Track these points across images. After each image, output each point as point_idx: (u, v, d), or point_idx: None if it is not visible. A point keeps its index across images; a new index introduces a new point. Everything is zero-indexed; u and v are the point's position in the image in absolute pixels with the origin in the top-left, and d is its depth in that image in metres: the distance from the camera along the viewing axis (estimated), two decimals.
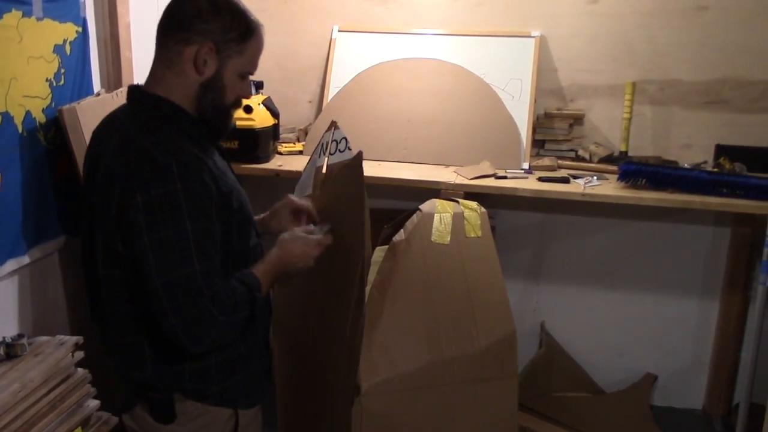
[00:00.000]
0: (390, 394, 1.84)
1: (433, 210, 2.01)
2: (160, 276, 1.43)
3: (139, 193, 1.43)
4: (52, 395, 1.91)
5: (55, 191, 2.21)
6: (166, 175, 1.44)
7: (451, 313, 1.93)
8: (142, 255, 1.44)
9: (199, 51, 1.54)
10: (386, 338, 1.85)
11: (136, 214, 1.43)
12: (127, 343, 1.60)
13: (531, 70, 3.00)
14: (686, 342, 3.24)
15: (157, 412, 1.63)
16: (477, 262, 1.99)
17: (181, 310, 1.44)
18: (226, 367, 1.65)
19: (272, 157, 2.93)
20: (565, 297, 3.31)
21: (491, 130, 2.94)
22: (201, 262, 1.45)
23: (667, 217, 3.11)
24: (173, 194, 1.43)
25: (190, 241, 1.44)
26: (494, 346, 1.93)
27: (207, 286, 1.46)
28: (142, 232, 1.43)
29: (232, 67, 1.59)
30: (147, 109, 1.57)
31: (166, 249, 1.43)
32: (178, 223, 1.43)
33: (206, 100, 1.58)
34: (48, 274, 2.24)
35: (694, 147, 3.01)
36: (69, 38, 2.25)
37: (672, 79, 2.99)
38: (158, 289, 1.44)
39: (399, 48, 3.11)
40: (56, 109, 2.17)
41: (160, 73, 1.58)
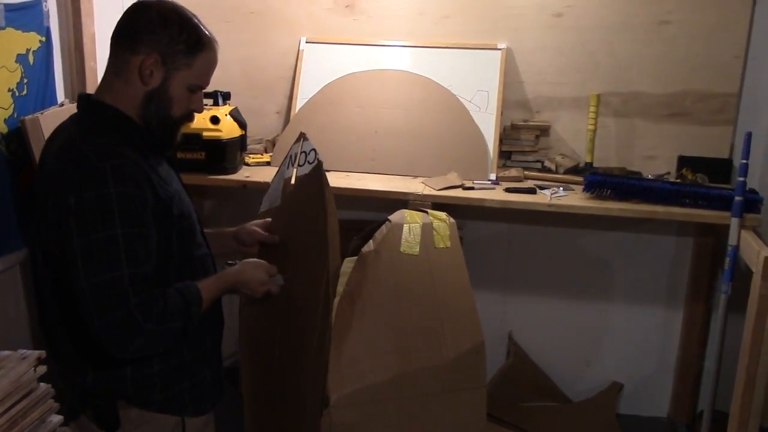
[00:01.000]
0: (359, 405, 1.83)
1: (402, 220, 2.01)
2: (87, 278, 1.43)
3: (72, 196, 1.44)
4: (13, 411, 1.86)
5: (17, 203, 2.17)
6: (99, 178, 1.44)
7: (420, 324, 1.92)
8: (71, 257, 1.44)
9: (145, 61, 1.54)
10: (355, 349, 1.84)
11: (68, 217, 1.43)
12: (69, 348, 1.59)
13: (497, 82, 3.03)
14: (651, 350, 3.28)
15: (101, 420, 1.61)
16: (446, 273, 1.99)
17: (106, 313, 1.43)
18: (170, 375, 1.64)
19: (239, 168, 2.92)
20: (533, 307, 3.33)
21: (459, 142, 2.96)
22: (129, 267, 1.44)
23: (632, 227, 3.15)
24: (105, 198, 1.43)
25: (119, 245, 1.44)
26: (463, 357, 1.92)
27: (134, 292, 1.44)
28: (72, 234, 1.43)
29: (180, 80, 1.59)
30: (92, 116, 1.58)
31: (94, 252, 1.43)
32: (108, 226, 1.43)
33: (150, 110, 1.59)
34: (9, 287, 2.20)
35: (657, 158, 3.06)
36: (32, 48, 2.22)
37: (635, 92, 3.03)
38: (85, 292, 1.44)
39: (367, 59, 3.12)
40: (19, 120, 2.14)
41: (109, 81, 1.59)
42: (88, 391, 1.61)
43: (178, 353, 1.64)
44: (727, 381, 2.56)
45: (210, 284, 1.64)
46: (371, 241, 1.97)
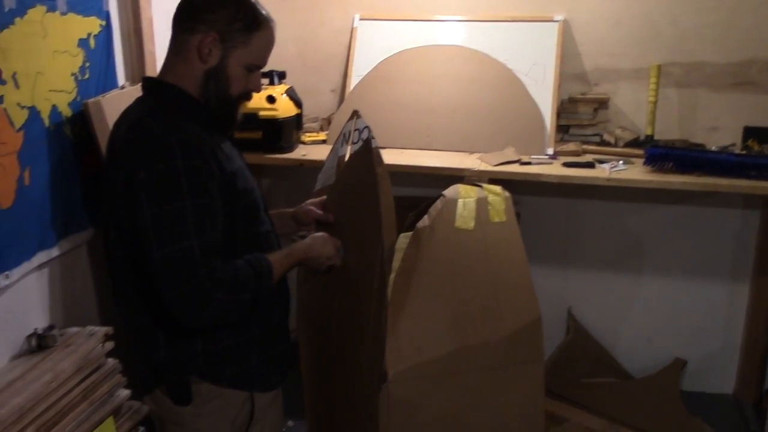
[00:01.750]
0: (416, 380, 1.84)
1: (457, 195, 2.00)
2: (158, 250, 1.46)
3: (142, 171, 1.47)
4: (83, 385, 1.94)
5: (83, 184, 2.24)
6: (167, 152, 1.48)
7: (476, 299, 1.92)
8: (143, 230, 1.48)
9: (203, 40, 1.58)
10: (411, 325, 1.85)
11: (138, 191, 1.47)
12: (142, 323, 1.63)
13: (554, 55, 2.97)
14: (716, 326, 3.20)
15: (174, 394, 1.66)
16: (501, 248, 1.98)
17: (176, 284, 1.46)
18: (240, 351, 1.67)
19: (296, 146, 2.94)
20: (592, 282, 3.29)
21: (515, 116, 2.92)
22: (199, 238, 1.47)
23: (695, 201, 3.08)
24: (173, 170, 1.47)
25: (188, 217, 1.47)
26: (519, 331, 1.92)
27: (204, 262, 1.47)
28: (143, 207, 1.47)
29: (237, 58, 1.61)
30: (157, 95, 1.62)
31: (164, 224, 1.46)
32: (177, 198, 1.46)
33: (209, 88, 1.62)
34: (77, 265, 2.27)
35: (721, 129, 2.97)
36: (93, 32, 2.27)
37: (698, 62, 2.94)
38: (156, 263, 1.47)
39: (421, 35, 3.10)
40: (82, 103, 2.19)
41: (170, 62, 1.64)
42: (161, 366, 1.65)
43: (247, 328, 1.67)
44: None
45: (280, 258, 1.67)
46: (426, 216, 1.97)
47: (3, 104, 1.86)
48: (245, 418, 1.72)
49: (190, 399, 1.65)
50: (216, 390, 1.66)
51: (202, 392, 1.66)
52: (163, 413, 1.71)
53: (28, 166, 1.97)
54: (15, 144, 1.92)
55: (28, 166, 1.97)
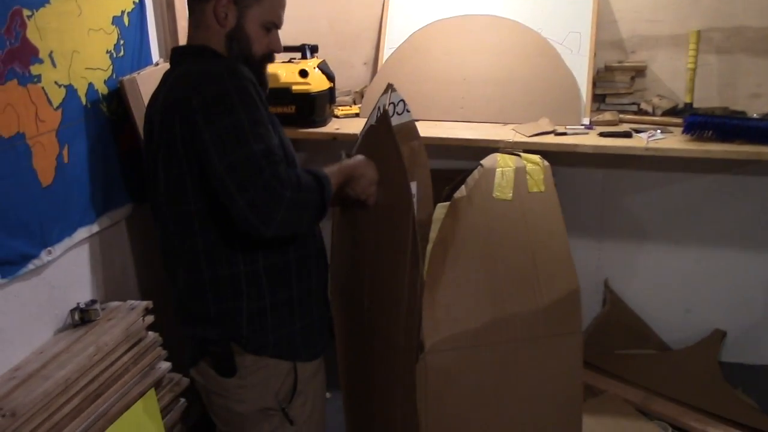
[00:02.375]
0: (453, 350, 1.84)
1: (495, 165, 1.98)
2: (221, 162, 1.49)
3: (194, 98, 1.52)
4: (125, 358, 1.98)
5: (121, 161, 2.27)
6: (216, 77, 1.54)
7: (514, 269, 1.91)
8: (204, 151, 1.51)
9: (218, 4, 1.64)
10: (448, 296, 1.85)
11: (195, 117, 1.51)
12: (190, 281, 1.67)
13: (590, 23, 2.92)
14: (756, 297, 3.16)
15: (219, 366, 1.69)
16: (540, 218, 1.96)
17: (246, 188, 1.48)
18: (282, 313, 1.69)
19: (329, 120, 2.94)
20: (629, 253, 3.25)
21: (549, 86, 2.88)
22: (258, 143, 1.50)
23: (735, 170, 3.01)
24: (225, 91, 1.52)
25: (245, 127, 1.50)
26: (557, 302, 1.90)
27: (267, 164, 1.49)
28: (202, 130, 1.51)
29: (253, 18, 1.67)
30: (192, 56, 1.68)
31: (223, 137, 1.50)
32: (231, 113, 1.51)
33: (234, 50, 1.68)
34: (117, 241, 2.31)
35: (763, 96, 2.90)
36: (127, 9, 2.29)
37: (739, 26, 2.87)
38: (222, 176, 1.49)
39: (453, 5, 3.06)
40: (117, 81, 2.21)
41: (194, 35, 1.70)
42: (206, 339, 1.68)
43: (287, 287, 1.70)
44: None
45: (333, 170, 1.69)
46: (463, 186, 1.96)
47: (41, 83, 1.88)
48: (289, 390, 1.75)
49: (235, 371, 1.68)
50: (260, 361, 1.69)
51: (246, 364, 1.68)
52: (209, 385, 1.74)
53: (66, 144, 2.00)
54: (53, 122, 1.95)
55: (67, 143, 2.00)
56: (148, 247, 2.43)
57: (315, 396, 1.83)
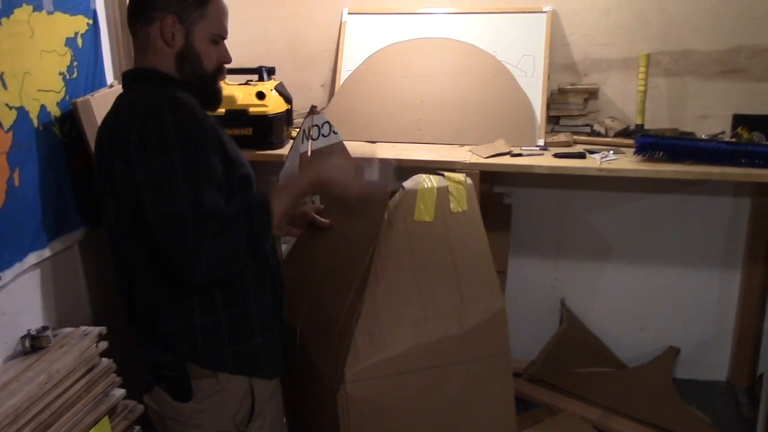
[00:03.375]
0: (376, 379, 1.78)
1: (417, 186, 1.95)
2: (152, 207, 1.46)
3: (133, 133, 1.48)
4: (78, 385, 1.94)
5: (73, 184, 2.23)
6: (155, 111, 1.48)
7: (437, 293, 1.85)
8: (138, 191, 1.48)
9: (163, 25, 1.60)
10: (369, 323, 1.79)
11: (131, 154, 1.48)
12: (144, 303, 1.64)
13: (543, 46, 2.97)
14: (709, 314, 3.22)
15: (174, 390, 1.66)
16: (463, 239, 1.90)
17: (170, 240, 1.46)
18: (240, 326, 1.66)
19: (286, 142, 2.93)
20: (585, 272, 3.30)
21: (505, 108, 2.92)
22: (189, 193, 1.45)
23: (686, 189, 3.09)
24: (162, 128, 1.46)
25: (177, 172, 1.45)
26: (483, 324, 1.85)
27: (193, 217, 1.44)
28: (136, 170, 1.47)
29: (200, 33, 1.64)
30: (141, 80, 1.64)
31: (154, 181, 1.46)
32: (165, 154, 1.45)
33: (186, 70, 1.64)
34: (69, 265, 2.27)
35: (711, 117, 2.98)
36: (80, 31, 2.26)
37: (686, 50, 2.95)
38: (152, 220, 1.47)
39: (410, 28, 3.09)
40: (70, 102, 2.18)
41: (141, 60, 1.66)
42: (161, 363, 1.65)
43: (243, 301, 1.66)
44: None
45: (281, 187, 1.68)
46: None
47: None
48: (246, 412, 1.72)
49: (191, 395, 1.65)
50: (217, 384, 1.66)
51: (202, 387, 1.65)
52: (163, 411, 1.70)
53: (17, 167, 1.96)
54: (4, 145, 1.91)
55: (18, 166, 1.96)
56: (102, 271, 2.39)
57: (273, 418, 1.81)
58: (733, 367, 3.20)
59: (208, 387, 1.66)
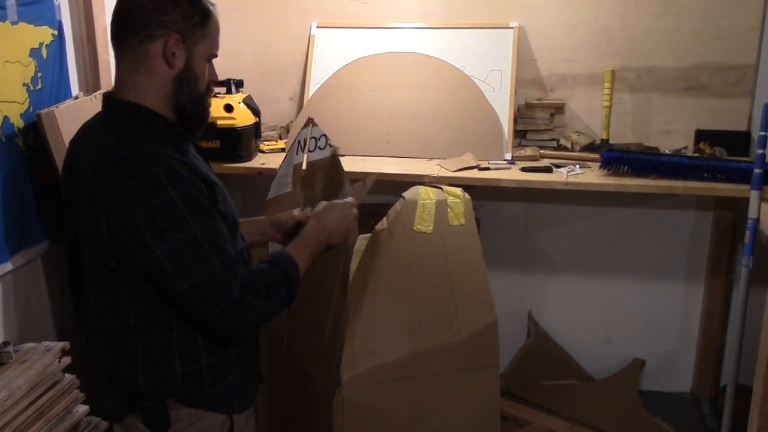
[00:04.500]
0: (370, 385, 1.83)
1: (417, 198, 2.00)
2: (184, 281, 1.41)
3: (134, 210, 1.39)
4: (39, 402, 1.90)
5: (37, 197, 2.19)
6: (155, 185, 1.39)
7: (433, 302, 1.92)
8: (157, 267, 1.41)
9: (167, 44, 1.48)
10: (366, 329, 1.84)
11: (136, 230, 1.39)
12: (118, 355, 1.57)
13: (511, 61, 3.01)
14: (673, 326, 3.26)
15: (150, 421, 1.59)
16: (459, 251, 1.98)
17: (214, 304, 1.44)
18: (218, 370, 1.62)
19: (254, 155, 2.92)
20: (552, 286, 3.33)
21: (473, 122, 2.95)
22: (218, 257, 1.43)
23: (650, 203, 3.13)
24: (169, 202, 1.40)
25: (201, 241, 1.41)
26: (475, 335, 1.92)
27: (232, 277, 1.44)
28: (149, 246, 1.39)
29: (200, 53, 1.54)
30: (121, 117, 1.52)
31: (181, 255, 1.40)
32: (183, 227, 1.40)
33: (183, 93, 1.53)
34: (32, 280, 2.23)
35: (674, 133, 3.03)
36: (45, 42, 2.23)
37: (650, 66, 3.00)
38: (186, 293, 1.42)
39: (378, 42, 3.11)
40: (34, 114, 2.15)
41: (129, 78, 1.52)
42: (137, 393, 1.58)
43: (224, 347, 1.63)
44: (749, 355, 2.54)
45: (293, 246, 1.65)
46: (384, 218, 1.96)
47: None
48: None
49: (168, 425, 1.59)
50: (195, 414, 1.61)
51: (180, 417, 1.59)
52: None
53: None
54: None
55: None
56: (65, 285, 2.34)
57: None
58: (697, 378, 3.24)
59: (186, 417, 1.61)
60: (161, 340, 1.54)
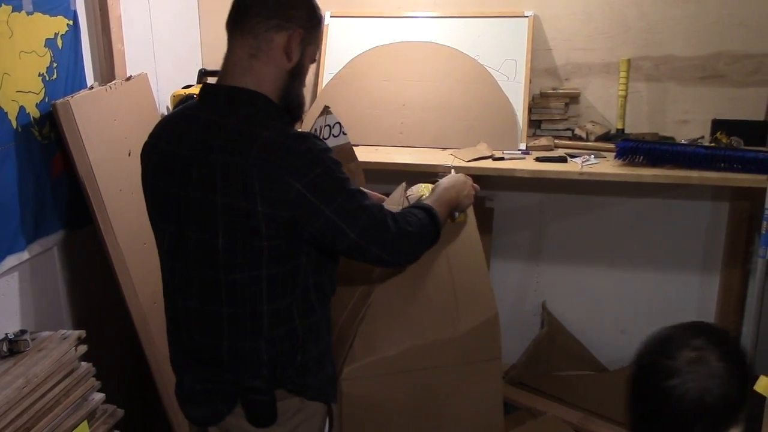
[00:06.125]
0: (370, 378, 1.83)
1: (418, 194, 2.00)
2: (353, 230, 1.52)
3: (296, 182, 1.45)
4: (56, 390, 1.92)
5: (53, 186, 2.21)
6: (315, 158, 1.48)
7: (433, 297, 1.92)
8: (329, 226, 1.50)
9: (291, 38, 1.53)
10: (367, 322, 1.85)
11: (306, 202, 1.46)
12: (245, 347, 1.56)
13: (525, 51, 2.99)
14: (688, 317, 3.20)
15: (257, 416, 1.58)
16: (459, 246, 1.98)
17: (381, 241, 1.57)
18: (322, 358, 1.66)
19: None
20: (566, 276, 3.31)
21: (487, 112, 2.94)
22: (367, 200, 1.57)
23: (666, 193, 3.11)
24: (328, 169, 1.49)
25: (354, 192, 1.54)
26: (476, 329, 1.91)
27: (385, 216, 1.59)
28: (320, 209, 1.48)
29: (309, 54, 1.60)
30: (244, 105, 1.53)
31: (347, 210, 1.51)
32: (342, 186, 1.52)
33: (294, 88, 1.59)
34: (48, 269, 2.25)
35: (690, 122, 3.01)
36: (60, 32, 2.24)
37: (667, 55, 2.98)
38: (356, 241, 1.53)
39: (392, 32, 3.09)
40: (50, 104, 2.16)
41: (246, 64, 1.53)
42: (249, 388, 1.57)
43: (326, 337, 1.68)
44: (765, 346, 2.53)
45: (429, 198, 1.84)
46: None
47: None
48: (324, 428, 1.70)
49: (275, 418, 1.58)
50: (300, 403, 1.61)
51: (286, 408, 1.59)
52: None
53: None
54: None
55: None
56: (81, 274, 2.37)
57: None
58: None
59: (291, 407, 1.61)
60: (285, 331, 1.57)
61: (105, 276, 2.30)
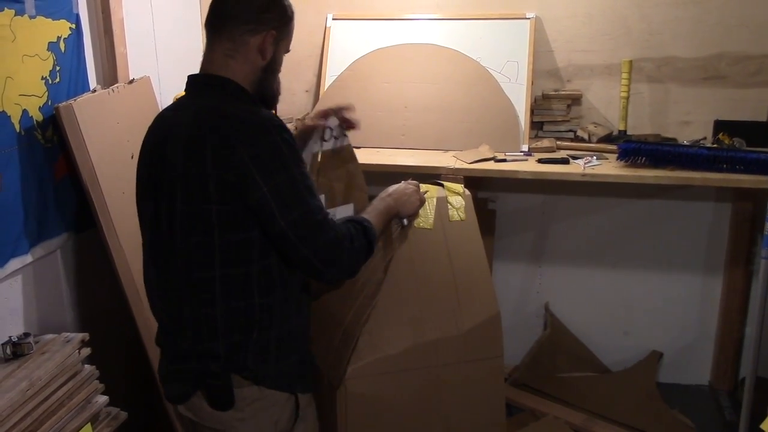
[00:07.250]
0: (374, 376, 1.86)
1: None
2: (283, 218, 1.53)
3: (243, 149, 1.51)
4: (60, 392, 1.92)
5: (56, 189, 2.21)
6: (264, 129, 1.54)
7: (436, 297, 1.94)
8: (262, 204, 1.53)
9: (265, 39, 1.65)
10: (370, 322, 1.87)
11: (246, 169, 1.51)
12: (199, 315, 1.62)
13: (527, 52, 2.99)
14: (691, 318, 3.24)
15: (215, 399, 1.64)
16: (461, 246, 2.00)
17: (309, 241, 1.56)
18: (283, 344, 1.67)
19: None
20: (569, 277, 3.31)
21: (489, 114, 2.94)
22: (312, 199, 1.57)
23: (668, 195, 3.11)
24: (275, 145, 1.53)
25: (299, 183, 1.55)
26: (478, 327, 1.94)
27: (324, 218, 1.59)
28: (258, 183, 1.51)
29: (282, 49, 1.71)
30: (215, 88, 1.65)
31: (283, 193, 1.53)
32: (286, 169, 1.54)
33: (267, 82, 1.70)
34: (51, 271, 2.25)
35: (692, 123, 3.01)
36: (63, 35, 2.24)
37: (668, 56, 2.98)
38: (285, 230, 1.54)
39: (394, 34, 3.10)
40: (53, 107, 2.17)
41: (222, 62, 1.65)
42: (206, 372, 1.63)
43: (291, 318, 1.69)
44: None
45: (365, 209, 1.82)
46: None
47: None
48: (289, 418, 1.71)
49: (233, 403, 1.63)
50: (258, 392, 1.65)
51: (244, 395, 1.64)
52: (202, 421, 1.67)
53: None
54: None
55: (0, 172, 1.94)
56: (84, 277, 2.37)
57: (314, 423, 1.80)
58: (716, 371, 3.22)
59: (249, 395, 1.64)
60: (243, 306, 1.60)
61: (108, 279, 2.30)
